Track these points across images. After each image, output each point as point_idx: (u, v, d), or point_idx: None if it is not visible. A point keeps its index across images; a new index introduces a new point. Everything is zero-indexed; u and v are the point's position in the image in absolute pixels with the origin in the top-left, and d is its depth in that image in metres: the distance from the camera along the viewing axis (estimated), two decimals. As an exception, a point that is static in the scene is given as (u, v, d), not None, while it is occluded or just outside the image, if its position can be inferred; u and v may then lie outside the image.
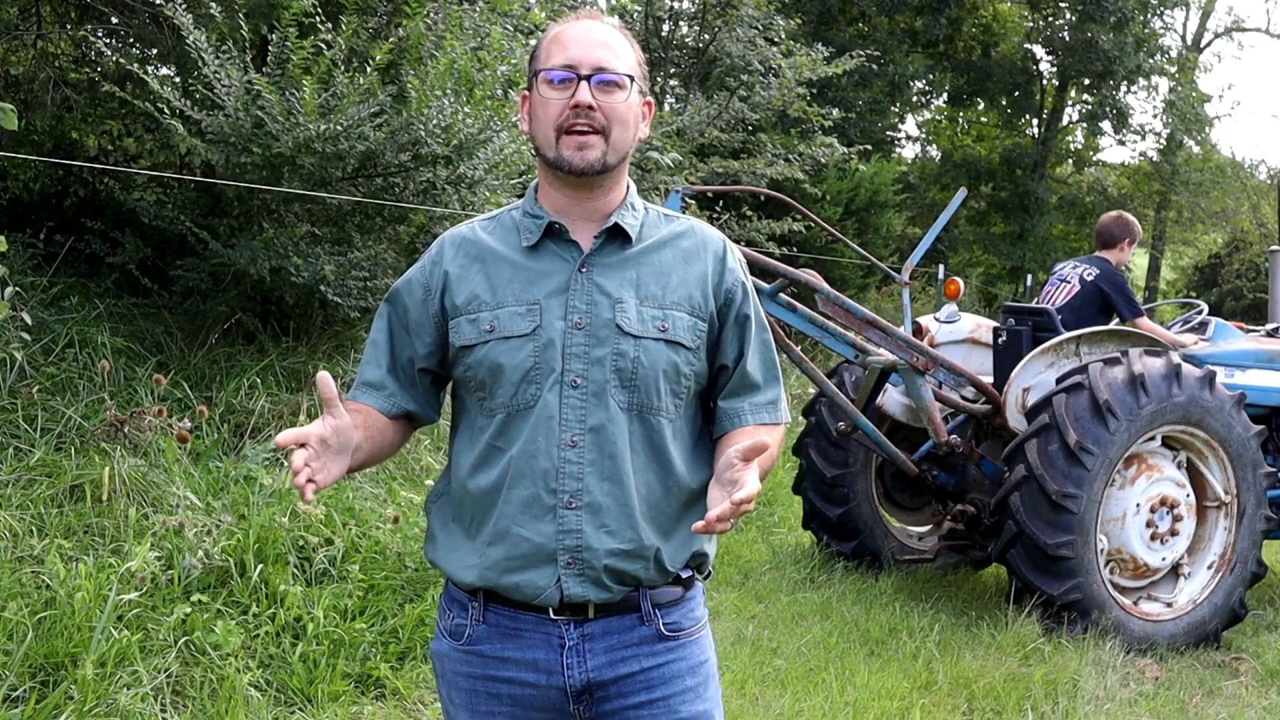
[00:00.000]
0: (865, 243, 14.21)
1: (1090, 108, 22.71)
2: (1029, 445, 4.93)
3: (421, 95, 5.38)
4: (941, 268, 15.10)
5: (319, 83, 5.16)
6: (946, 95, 23.82)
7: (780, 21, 12.94)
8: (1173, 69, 24.37)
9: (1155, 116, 29.90)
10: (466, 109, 5.52)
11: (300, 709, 3.73)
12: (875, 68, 16.99)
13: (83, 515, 4.14)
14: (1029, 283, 18.20)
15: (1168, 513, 5.12)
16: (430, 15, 5.93)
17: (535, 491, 1.75)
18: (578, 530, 1.74)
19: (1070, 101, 23.61)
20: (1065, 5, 21.52)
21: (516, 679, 1.81)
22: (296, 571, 4.22)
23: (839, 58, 12.64)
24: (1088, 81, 22.16)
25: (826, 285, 4.98)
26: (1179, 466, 5.20)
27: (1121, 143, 34.90)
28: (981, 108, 24.39)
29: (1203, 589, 5.20)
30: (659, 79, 13.24)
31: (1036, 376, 5.31)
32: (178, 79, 5.76)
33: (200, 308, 5.97)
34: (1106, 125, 23.10)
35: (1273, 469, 5.46)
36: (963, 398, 5.52)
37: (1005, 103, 23.45)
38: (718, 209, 11.78)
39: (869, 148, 16.12)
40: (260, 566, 4.09)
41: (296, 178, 5.33)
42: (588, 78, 1.76)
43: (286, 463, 4.21)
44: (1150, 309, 7.61)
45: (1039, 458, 4.87)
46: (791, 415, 4.14)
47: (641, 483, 1.78)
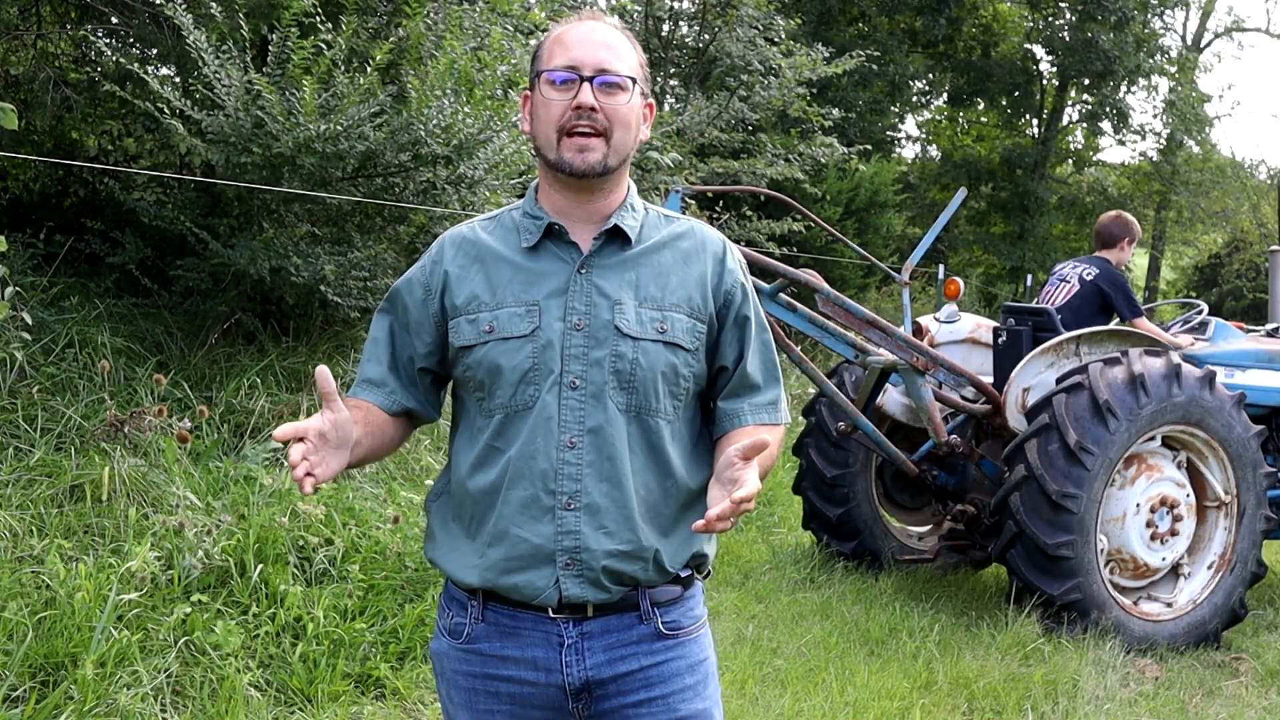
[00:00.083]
0: (865, 243, 14.20)
1: (1090, 108, 22.71)
2: (1029, 445, 4.94)
3: (421, 95, 5.38)
4: (941, 268, 15.09)
5: (319, 83, 5.16)
6: (946, 95, 23.83)
7: (780, 21, 12.95)
8: (1173, 69, 24.37)
9: (1155, 116, 29.89)
10: (466, 109, 5.52)
11: (300, 709, 3.73)
12: (875, 68, 16.99)
13: (83, 515, 4.14)
14: (1029, 283, 18.19)
15: (1168, 513, 5.12)
16: (430, 15, 5.93)
17: (534, 492, 1.75)
18: (576, 531, 1.74)
19: (1070, 101, 23.61)
20: (1065, 5, 21.52)
21: (516, 677, 1.81)
22: (296, 571, 4.22)
23: (839, 58, 12.64)
24: (1088, 81, 22.16)
25: (826, 285, 4.98)
26: (1179, 466, 5.20)
27: (1121, 143, 35.02)
28: (981, 108, 24.39)
29: (1203, 589, 5.20)
30: (659, 79, 13.24)
31: (1036, 376, 5.31)
32: (178, 79, 5.76)
33: (200, 308, 5.97)
34: (1106, 125, 23.13)
35: (1273, 469, 5.46)
36: (963, 398, 5.52)
37: (1005, 103, 23.45)
38: (718, 209, 11.79)
39: (869, 148, 16.12)
40: (260, 566, 4.09)
41: (296, 178, 5.33)
42: (590, 79, 1.75)
43: (286, 460, 4.20)
44: (1150, 309, 7.62)
45: (1039, 458, 4.87)
46: (791, 415, 4.14)
47: (640, 484, 1.78)
